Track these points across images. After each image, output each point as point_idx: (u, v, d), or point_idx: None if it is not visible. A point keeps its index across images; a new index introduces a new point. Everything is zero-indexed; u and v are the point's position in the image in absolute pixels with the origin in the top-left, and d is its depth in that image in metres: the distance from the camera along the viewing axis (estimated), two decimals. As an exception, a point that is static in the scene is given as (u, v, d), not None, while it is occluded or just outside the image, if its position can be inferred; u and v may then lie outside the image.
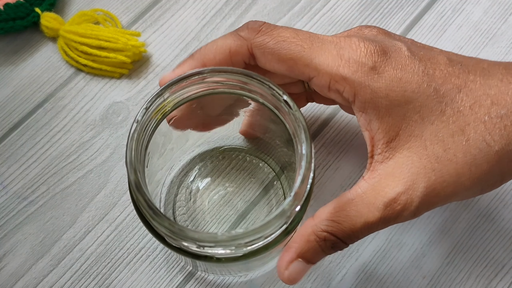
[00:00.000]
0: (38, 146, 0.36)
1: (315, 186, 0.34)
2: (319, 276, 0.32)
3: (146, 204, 0.22)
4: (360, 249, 0.32)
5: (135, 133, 0.24)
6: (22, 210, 0.34)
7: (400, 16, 0.39)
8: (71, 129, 0.36)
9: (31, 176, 0.35)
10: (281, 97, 0.24)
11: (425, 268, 0.32)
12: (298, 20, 0.39)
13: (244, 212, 0.33)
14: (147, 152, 0.25)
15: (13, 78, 0.38)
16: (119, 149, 0.35)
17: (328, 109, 0.36)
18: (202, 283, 0.32)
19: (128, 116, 0.36)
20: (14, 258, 0.33)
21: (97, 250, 0.33)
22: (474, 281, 0.32)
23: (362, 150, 0.35)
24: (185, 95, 0.26)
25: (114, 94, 0.37)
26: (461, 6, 0.39)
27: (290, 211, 0.22)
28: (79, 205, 0.34)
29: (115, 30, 0.38)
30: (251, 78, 0.25)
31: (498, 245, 0.33)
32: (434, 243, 0.33)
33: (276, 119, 0.26)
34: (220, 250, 0.23)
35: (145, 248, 0.33)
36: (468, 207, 0.33)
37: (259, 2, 0.40)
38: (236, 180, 0.33)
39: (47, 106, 0.37)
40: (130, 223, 0.33)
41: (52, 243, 0.33)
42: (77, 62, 0.38)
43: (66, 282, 0.32)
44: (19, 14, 0.38)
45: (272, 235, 0.23)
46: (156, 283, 0.32)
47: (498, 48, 0.38)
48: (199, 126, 0.30)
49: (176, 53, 0.38)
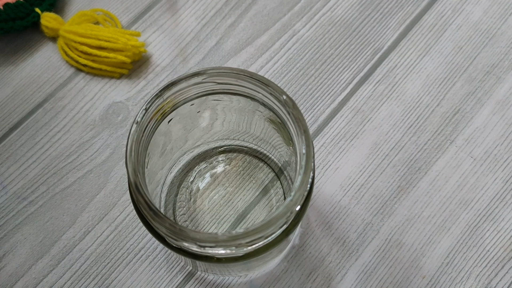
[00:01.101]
0: (37, 146, 0.36)
1: (315, 186, 0.34)
2: (319, 276, 0.32)
3: (146, 205, 0.22)
4: (360, 249, 0.32)
5: (134, 134, 0.24)
6: (21, 210, 0.34)
7: (400, 16, 0.39)
8: (70, 129, 0.36)
9: (30, 176, 0.35)
10: (281, 96, 0.24)
11: (425, 268, 0.32)
12: (298, 20, 0.39)
13: (244, 212, 0.33)
14: (147, 153, 0.25)
15: (13, 78, 0.38)
16: (119, 149, 0.35)
17: (328, 109, 0.36)
18: (202, 283, 0.32)
19: (128, 116, 0.36)
20: (13, 258, 0.33)
21: (96, 250, 0.33)
22: (474, 281, 0.32)
23: (362, 150, 0.35)
24: (185, 95, 0.26)
25: (114, 94, 0.37)
26: (461, 6, 0.39)
27: (290, 211, 0.22)
28: (78, 205, 0.34)
29: (115, 30, 0.38)
30: (250, 78, 0.25)
31: (498, 245, 0.33)
32: (434, 243, 0.33)
33: (276, 119, 0.26)
34: (221, 250, 0.23)
35: (145, 248, 0.33)
36: (468, 207, 0.33)
37: (259, 2, 0.40)
38: (236, 180, 0.33)
39: (46, 106, 0.37)
40: (130, 223, 0.33)
41: (52, 243, 0.33)
42: (77, 62, 0.38)
43: (66, 282, 0.32)
44: (19, 14, 0.38)
45: (273, 235, 0.23)
46: (156, 283, 0.32)
47: (498, 48, 0.38)
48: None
49: (176, 53, 0.38)
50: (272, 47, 0.38)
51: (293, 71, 0.37)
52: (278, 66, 0.38)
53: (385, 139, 0.35)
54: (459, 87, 0.37)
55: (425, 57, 0.38)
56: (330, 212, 0.33)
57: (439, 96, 0.36)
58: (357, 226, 0.33)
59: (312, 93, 0.37)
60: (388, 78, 0.37)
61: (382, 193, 0.34)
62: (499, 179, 0.34)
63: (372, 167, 0.35)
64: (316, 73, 0.37)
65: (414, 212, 0.33)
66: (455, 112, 0.36)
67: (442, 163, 0.35)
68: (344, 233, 0.33)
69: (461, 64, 0.37)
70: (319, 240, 0.33)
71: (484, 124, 0.36)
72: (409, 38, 0.38)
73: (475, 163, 0.35)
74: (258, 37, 0.39)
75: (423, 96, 0.36)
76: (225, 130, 0.32)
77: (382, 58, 0.38)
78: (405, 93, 0.37)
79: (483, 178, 0.34)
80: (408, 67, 0.37)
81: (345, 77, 0.37)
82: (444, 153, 0.35)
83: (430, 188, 0.34)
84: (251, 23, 0.39)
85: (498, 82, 0.37)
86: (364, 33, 0.39)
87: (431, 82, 0.37)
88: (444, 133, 0.35)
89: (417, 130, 0.36)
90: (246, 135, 0.33)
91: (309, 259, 0.32)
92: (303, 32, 0.39)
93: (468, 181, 0.34)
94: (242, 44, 0.38)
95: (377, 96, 0.37)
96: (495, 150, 0.35)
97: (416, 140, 0.35)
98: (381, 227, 0.33)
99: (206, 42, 0.39)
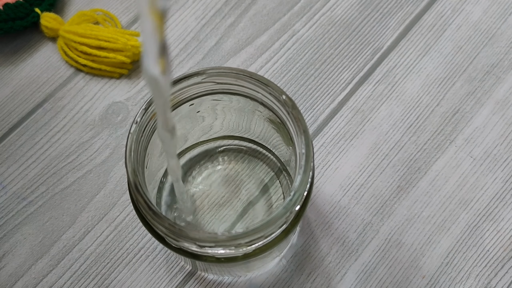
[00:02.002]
0: (37, 146, 0.36)
1: (315, 186, 0.34)
2: (318, 276, 0.32)
3: (146, 205, 0.22)
4: (359, 249, 0.32)
5: (134, 134, 0.24)
6: (21, 211, 0.34)
7: (399, 16, 0.39)
8: (70, 129, 0.36)
9: (30, 176, 0.35)
10: (281, 96, 0.24)
11: (425, 268, 0.32)
12: (298, 20, 0.39)
13: (244, 212, 0.33)
14: (146, 153, 0.25)
15: (13, 78, 0.38)
16: (118, 149, 0.35)
17: (328, 109, 0.36)
18: (201, 283, 0.32)
19: (128, 116, 0.36)
20: (13, 258, 0.33)
21: (96, 250, 0.33)
22: (473, 280, 0.32)
23: (362, 150, 0.35)
24: (184, 95, 0.26)
25: (113, 94, 0.37)
26: (460, 6, 0.39)
27: (290, 211, 0.22)
28: (78, 205, 0.34)
29: (114, 30, 0.38)
30: (250, 78, 0.25)
31: (497, 245, 0.33)
32: (433, 243, 0.33)
33: (276, 118, 0.26)
34: (220, 250, 0.23)
35: (144, 248, 0.33)
36: (468, 207, 0.33)
37: (259, 2, 0.40)
38: (236, 179, 0.33)
39: (46, 106, 0.37)
40: (130, 223, 0.33)
41: (52, 243, 0.33)
42: (77, 62, 0.38)
43: (66, 282, 0.32)
44: (18, 14, 0.38)
45: (272, 235, 0.23)
46: (156, 283, 0.32)
47: (497, 48, 0.38)
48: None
49: (176, 53, 0.38)
50: (272, 47, 0.38)
51: (292, 71, 0.37)
52: (278, 66, 0.38)
53: (384, 139, 0.35)
54: (458, 87, 0.37)
55: (425, 57, 0.38)
56: (330, 212, 0.33)
57: (438, 96, 0.36)
58: (357, 226, 0.33)
59: (311, 93, 0.37)
60: (388, 78, 0.37)
61: (382, 193, 0.34)
62: (498, 179, 0.34)
63: (371, 167, 0.35)
64: (315, 73, 0.37)
65: (414, 212, 0.33)
66: (455, 112, 0.36)
67: (441, 163, 0.35)
68: (344, 233, 0.33)
69: (460, 64, 0.37)
70: (319, 240, 0.33)
71: (483, 124, 0.36)
72: (408, 38, 0.38)
73: (474, 163, 0.35)
74: (257, 37, 0.39)
75: (422, 96, 0.36)
76: (224, 130, 0.32)
77: (381, 58, 0.38)
78: (405, 93, 0.37)
79: (483, 178, 0.34)
80: (407, 67, 0.37)
81: (345, 77, 0.37)
82: (444, 153, 0.35)
83: (430, 188, 0.34)
84: (251, 23, 0.39)
85: (497, 82, 0.37)
86: (364, 33, 0.39)
87: (430, 82, 0.37)
88: (444, 133, 0.35)
89: (416, 130, 0.36)
90: (246, 135, 0.33)
91: (309, 259, 0.32)
92: (303, 32, 0.39)
93: (468, 181, 0.34)
94: (242, 44, 0.38)
95: (376, 96, 0.37)
96: (495, 150, 0.35)
97: (415, 140, 0.35)
98: (380, 227, 0.33)
99: (206, 42, 0.39)
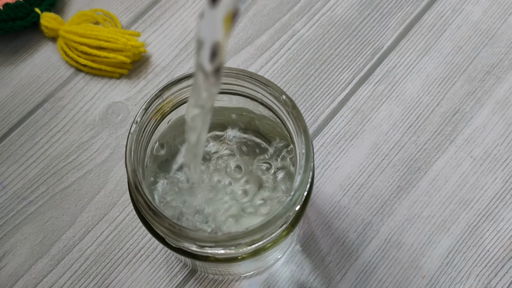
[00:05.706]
0: (37, 146, 0.36)
1: (315, 186, 0.34)
2: (319, 276, 0.32)
3: (146, 205, 0.22)
4: (360, 249, 0.32)
5: (134, 134, 0.24)
6: (21, 210, 0.34)
7: (399, 16, 0.39)
8: (70, 129, 0.36)
9: (30, 176, 0.35)
10: (281, 96, 0.24)
11: (425, 268, 0.32)
12: (298, 20, 0.39)
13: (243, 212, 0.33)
14: (146, 153, 0.25)
15: (13, 78, 0.38)
16: (118, 149, 0.35)
17: (328, 109, 0.36)
18: (202, 283, 0.32)
19: (128, 116, 0.36)
20: (13, 258, 0.33)
21: (96, 250, 0.33)
22: (473, 280, 0.32)
23: (362, 150, 0.35)
24: (184, 95, 0.26)
25: (113, 94, 0.37)
26: (460, 6, 0.39)
27: (290, 211, 0.22)
28: (78, 205, 0.34)
29: (114, 30, 0.38)
30: (250, 78, 0.25)
31: (497, 245, 0.33)
32: (433, 243, 0.33)
33: (276, 118, 0.26)
34: (220, 250, 0.23)
35: (144, 248, 0.33)
36: (468, 207, 0.33)
37: (259, 1, 0.40)
38: (235, 179, 0.33)
39: (46, 106, 0.37)
40: (130, 223, 0.33)
41: (52, 243, 0.33)
42: (77, 62, 0.38)
43: (66, 282, 0.32)
44: (18, 14, 0.38)
45: (272, 235, 0.23)
46: (156, 283, 0.32)
47: (497, 48, 0.38)
48: None
49: (176, 53, 0.38)
50: (272, 47, 0.38)
51: (292, 71, 0.37)
52: (278, 66, 0.38)
53: (384, 139, 0.35)
54: (458, 87, 0.37)
55: (425, 57, 0.38)
56: (330, 212, 0.33)
57: (438, 96, 0.36)
58: (357, 226, 0.33)
59: (311, 93, 0.37)
60: (388, 78, 0.37)
61: (382, 193, 0.34)
62: (498, 179, 0.34)
63: (371, 167, 0.35)
64: (315, 73, 0.37)
65: (414, 212, 0.33)
66: (455, 112, 0.36)
67: (441, 163, 0.35)
68: (344, 233, 0.33)
69: (460, 64, 0.37)
70: (319, 240, 0.33)
71: (483, 124, 0.36)
72: (408, 38, 0.38)
73: (474, 163, 0.35)
74: (257, 37, 0.39)
75: (422, 96, 0.36)
76: (224, 130, 0.32)
77: (381, 58, 0.38)
78: (405, 93, 0.37)
79: (483, 178, 0.34)
80: (407, 67, 0.37)
81: (345, 77, 0.37)
82: (444, 153, 0.35)
83: (430, 188, 0.34)
84: (251, 23, 0.39)
85: (497, 82, 0.37)
86: (364, 33, 0.39)
87: (430, 82, 0.37)
88: (444, 133, 0.35)
89: (416, 130, 0.36)
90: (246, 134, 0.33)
91: (309, 259, 0.32)
92: (303, 32, 0.39)
93: (468, 181, 0.34)
94: (242, 44, 0.38)
95: (376, 96, 0.37)
96: (495, 150, 0.35)
97: (415, 140, 0.35)
98: (380, 227, 0.33)
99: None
